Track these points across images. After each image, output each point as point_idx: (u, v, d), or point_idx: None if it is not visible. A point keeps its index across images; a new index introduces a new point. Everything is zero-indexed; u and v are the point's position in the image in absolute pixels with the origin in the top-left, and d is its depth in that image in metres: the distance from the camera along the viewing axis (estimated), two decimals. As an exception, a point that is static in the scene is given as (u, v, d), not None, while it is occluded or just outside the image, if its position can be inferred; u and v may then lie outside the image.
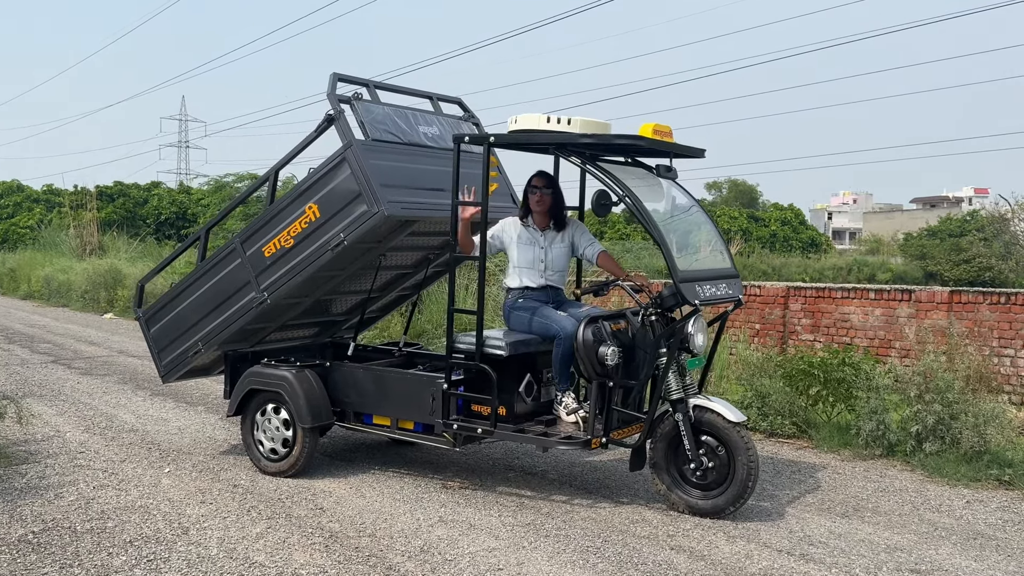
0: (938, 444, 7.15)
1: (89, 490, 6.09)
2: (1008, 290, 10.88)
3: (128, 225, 32.52)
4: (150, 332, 7.13)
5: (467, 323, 12.62)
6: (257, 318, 6.63)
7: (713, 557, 5.00)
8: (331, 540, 5.19)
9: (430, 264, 7.23)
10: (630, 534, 5.36)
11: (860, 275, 38.86)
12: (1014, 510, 6.08)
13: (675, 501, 5.78)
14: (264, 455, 6.61)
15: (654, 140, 5.60)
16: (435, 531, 5.37)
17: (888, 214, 73.43)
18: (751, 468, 5.56)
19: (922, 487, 6.59)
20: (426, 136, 6.64)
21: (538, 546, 5.13)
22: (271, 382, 6.52)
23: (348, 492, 6.15)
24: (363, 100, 6.34)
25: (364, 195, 5.96)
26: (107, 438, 7.60)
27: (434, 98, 7.07)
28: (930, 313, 11.12)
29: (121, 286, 19.03)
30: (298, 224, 6.31)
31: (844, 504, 6.12)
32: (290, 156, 6.51)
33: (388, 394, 6.35)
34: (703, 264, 5.86)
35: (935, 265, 37.17)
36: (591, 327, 5.70)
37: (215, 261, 6.75)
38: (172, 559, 4.87)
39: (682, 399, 5.70)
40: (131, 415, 8.58)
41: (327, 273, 6.44)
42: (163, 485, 6.24)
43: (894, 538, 5.43)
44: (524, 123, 5.92)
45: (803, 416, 8.15)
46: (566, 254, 6.33)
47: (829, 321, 12.18)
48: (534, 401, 6.16)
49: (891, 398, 7.96)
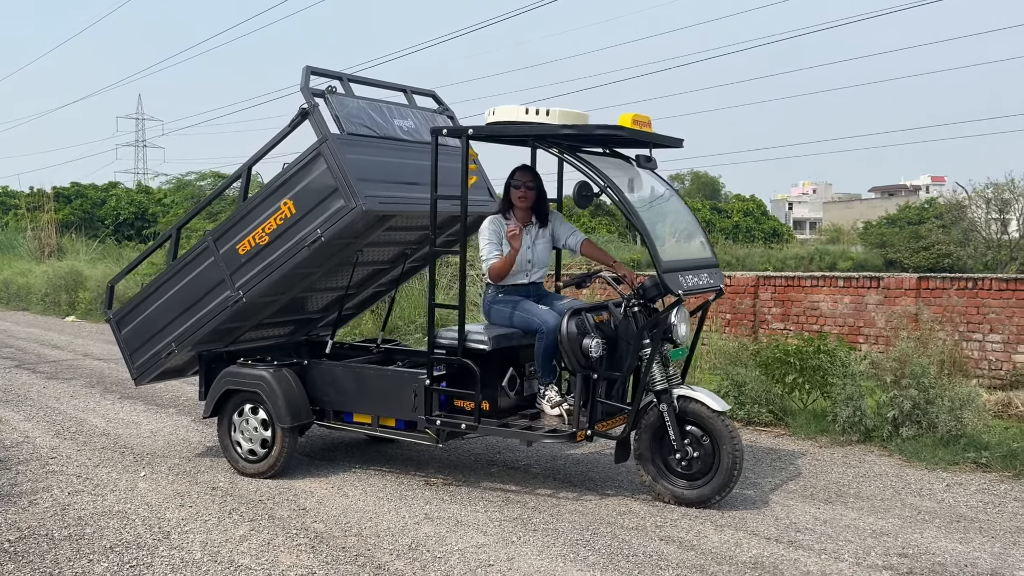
0: (915, 429, 7.21)
1: (64, 496, 5.95)
2: (975, 275, 11.03)
3: (86, 226, 32.00)
4: (121, 334, 6.98)
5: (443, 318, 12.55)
6: (232, 317, 6.52)
7: (703, 547, 4.99)
8: (317, 541, 5.11)
9: (407, 259, 7.15)
10: (618, 526, 5.34)
11: (822, 264, 39.31)
12: (993, 492, 6.14)
13: (661, 492, 5.77)
14: (242, 456, 6.50)
15: (634, 130, 5.58)
16: (422, 528, 5.31)
17: (847, 203, 74.27)
18: (736, 457, 5.56)
19: (901, 472, 6.64)
20: (401, 129, 6.56)
21: (527, 540, 5.09)
22: (248, 382, 6.42)
23: (330, 492, 6.07)
24: (337, 94, 6.25)
25: (341, 190, 5.88)
26: (78, 443, 7.44)
27: (408, 91, 6.99)
28: (899, 299, 11.24)
29: (82, 288, 18.70)
30: (273, 220, 6.20)
31: (827, 490, 6.14)
32: (263, 151, 6.40)
33: (369, 391, 6.27)
34: (685, 254, 5.85)
35: (895, 253, 37.70)
36: (575, 319, 5.66)
37: (187, 260, 6.63)
38: (155, 564, 4.77)
39: (666, 389, 5.69)
40: (101, 419, 8.42)
41: (304, 270, 6.35)
42: (140, 489, 6.12)
43: (879, 523, 5.46)
44: (502, 115, 5.87)
45: (779, 404, 8.19)
46: (549, 248, 6.30)
47: (799, 309, 12.27)
48: (517, 395, 6.12)
49: (866, 384, 8.03)
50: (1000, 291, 10.40)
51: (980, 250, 34.01)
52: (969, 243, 34.63)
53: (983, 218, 36.06)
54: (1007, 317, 10.31)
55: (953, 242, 34.95)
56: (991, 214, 36.13)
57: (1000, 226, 35.51)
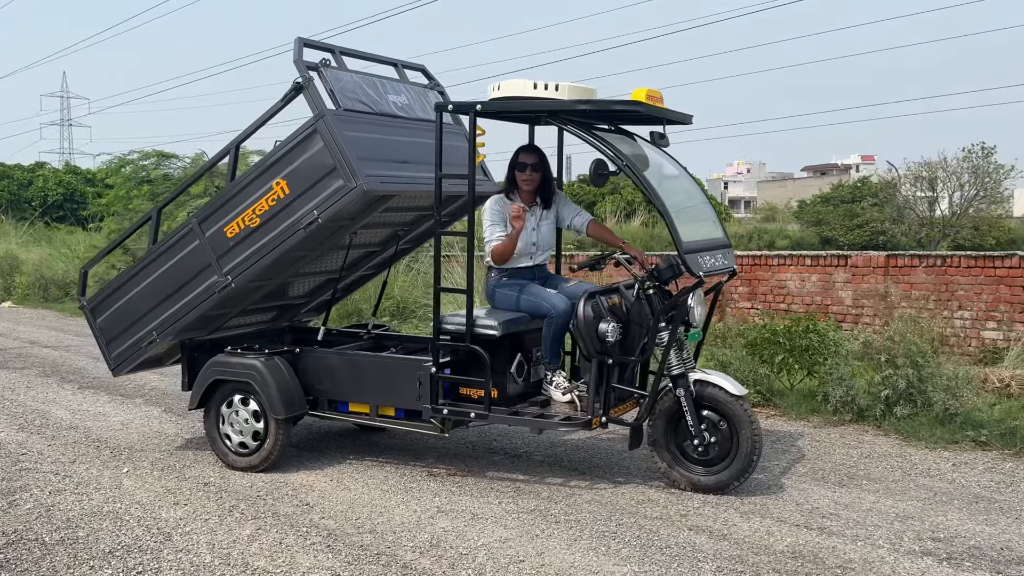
0: (909, 408, 7.20)
1: (45, 496, 5.58)
2: (944, 253, 11.13)
3: (13, 209, 30.80)
4: (97, 322, 6.58)
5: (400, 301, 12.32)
6: (219, 304, 6.17)
7: (735, 536, 4.86)
8: (331, 539, 4.85)
9: (400, 241, 6.87)
10: (641, 515, 5.18)
11: (761, 242, 39.62)
12: (1000, 471, 6.13)
13: (676, 478, 5.62)
14: (232, 450, 6.18)
15: (651, 106, 5.38)
16: (438, 523, 5.08)
17: (781, 183, 75.27)
18: (755, 441, 5.44)
19: (903, 451, 6.60)
20: (395, 105, 6.27)
21: (552, 534, 4.90)
22: (239, 372, 6.09)
23: (330, 485, 5.80)
24: (331, 67, 5.93)
25: (340, 169, 5.57)
26: (47, 437, 7.02)
27: (399, 65, 6.68)
28: (867, 278, 11.29)
29: (19, 272, 17.93)
30: (264, 202, 5.87)
31: (836, 472, 6.07)
32: (254, 128, 6.04)
33: (368, 380, 6.00)
34: (700, 234, 5.69)
35: (830, 230, 38.21)
36: (590, 302, 5.46)
37: (169, 244, 6.25)
38: (163, 569, 4.46)
39: (683, 374, 5.53)
40: (65, 411, 7.98)
41: (296, 253, 6.03)
42: (127, 487, 5.77)
43: (899, 506, 5.39)
44: (508, 90, 5.63)
45: (767, 384, 8.12)
46: (553, 230, 6.09)
47: (766, 288, 12.26)
48: (524, 382, 5.90)
49: (854, 364, 8.01)
50: (969, 268, 10.49)
51: (914, 228, 34.75)
52: (903, 220, 35.34)
53: (914, 196, 36.83)
54: (975, 294, 10.41)
55: (887, 220, 35.61)
56: (918, 192, 36.95)
57: (928, 205, 36.34)
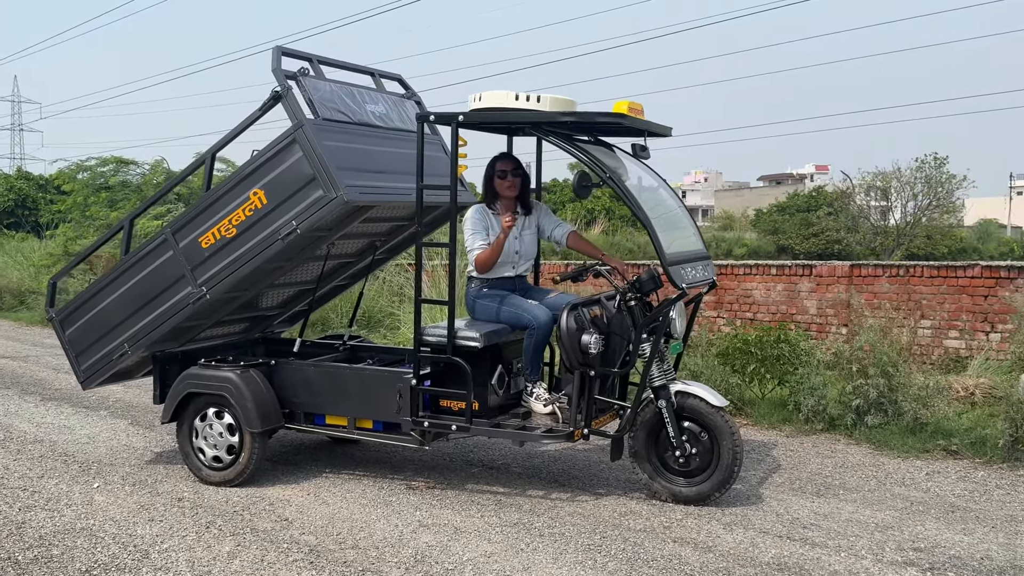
0: (880, 417, 7.29)
1: (15, 512, 5.44)
2: (907, 263, 11.30)
3: (-38, 214, 30.13)
4: (66, 334, 6.44)
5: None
6: (193, 315, 6.07)
7: (720, 548, 4.86)
8: (313, 555, 4.78)
9: (376, 251, 6.81)
10: (625, 528, 5.17)
11: (718, 250, 39.99)
12: (973, 480, 6.22)
13: (657, 490, 5.63)
14: (206, 464, 6.07)
15: (633, 118, 5.39)
16: (421, 537, 5.03)
17: (737, 192, 76.02)
18: (736, 452, 5.46)
19: (876, 461, 6.67)
20: (373, 115, 6.22)
21: (536, 547, 4.87)
22: (213, 384, 5.99)
23: (308, 500, 5.72)
24: (309, 76, 5.87)
25: (319, 179, 5.51)
26: (11, 451, 6.86)
27: (376, 74, 6.63)
28: (831, 287, 11.42)
29: (-28, 281, 17.56)
30: (241, 212, 5.79)
31: (813, 482, 6.11)
32: (230, 136, 5.95)
33: (345, 392, 5.93)
34: (681, 246, 5.70)
35: (787, 239, 38.72)
36: (573, 314, 5.45)
37: (141, 254, 6.14)
38: (143, 589, 4.37)
39: (664, 385, 5.54)
40: (28, 424, 7.80)
41: (274, 264, 5.96)
42: (99, 503, 5.64)
43: (877, 516, 5.44)
44: (489, 100, 5.60)
45: (738, 394, 8.17)
46: (535, 240, 6.07)
47: (732, 297, 12.36)
48: (504, 393, 5.88)
49: (825, 374, 8.09)
50: (931, 278, 10.66)
51: (868, 237, 35.29)
52: (857, 229, 35.87)
53: (868, 205, 37.42)
54: (938, 303, 10.58)
55: (842, 228, 36.14)
56: (872, 202, 37.56)
57: (881, 214, 36.94)
